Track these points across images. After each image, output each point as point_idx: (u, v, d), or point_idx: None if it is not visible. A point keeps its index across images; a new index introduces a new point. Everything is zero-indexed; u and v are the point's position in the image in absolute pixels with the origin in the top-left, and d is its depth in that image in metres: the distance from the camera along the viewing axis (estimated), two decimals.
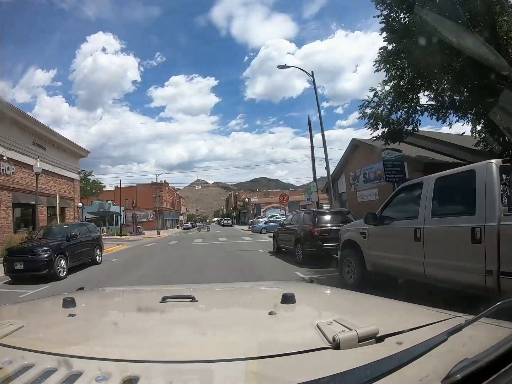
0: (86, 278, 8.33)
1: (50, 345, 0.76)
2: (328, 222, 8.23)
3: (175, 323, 1.04)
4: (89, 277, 8.44)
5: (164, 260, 11.20)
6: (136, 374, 0.60)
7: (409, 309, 1.17)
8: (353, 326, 0.75)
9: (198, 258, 10.96)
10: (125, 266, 10.21)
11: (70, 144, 19.85)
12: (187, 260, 10.54)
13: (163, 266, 9.71)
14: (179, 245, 17.58)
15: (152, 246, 18.73)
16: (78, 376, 0.60)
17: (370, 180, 15.84)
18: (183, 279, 7.18)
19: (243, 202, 65.78)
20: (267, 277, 6.62)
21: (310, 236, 8.04)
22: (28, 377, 0.59)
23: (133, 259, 12.10)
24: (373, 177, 15.54)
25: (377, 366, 0.59)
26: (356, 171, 17.10)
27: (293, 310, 1.05)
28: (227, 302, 1.43)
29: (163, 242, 21.68)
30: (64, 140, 19.12)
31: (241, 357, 0.66)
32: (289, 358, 0.67)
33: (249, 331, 0.91)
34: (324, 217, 8.37)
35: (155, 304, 1.12)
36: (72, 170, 20.17)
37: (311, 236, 7.98)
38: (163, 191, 57.42)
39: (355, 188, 17.27)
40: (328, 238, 7.79)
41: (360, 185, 16.77)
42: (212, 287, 1.96)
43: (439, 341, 0.66)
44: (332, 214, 8.75)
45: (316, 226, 8.01)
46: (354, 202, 16.52)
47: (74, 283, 6.79)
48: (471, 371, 0.56)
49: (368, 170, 15.87)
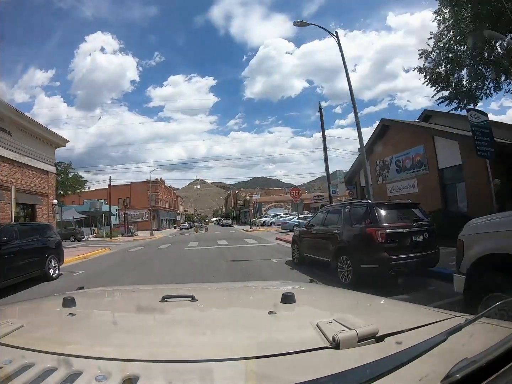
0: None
1: (50, 344, 0.76)
2: (396, 221, 5.16)
3: (175, 322, 1.06)
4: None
5: (144, 275, 8.19)
6: (136, 374, 0.60)
7: (409, 309, 1.20)
8: (353, 325, 0.75)
9: (188, 273, 7.81)
10: (86, 285, 7.15)
11: (44, 130, 16.75)
12: (173, 277, 7.50)
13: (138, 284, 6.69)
14: (169, 251, 14.46)
15: (138, 251, 15.65)
16: (78, 376, 0.60)
17: (405, 169, 12.82)
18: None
19: (244, 201, 62.42)
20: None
21: (367, 243, 5.01)
22: (28, 377, 0.59)
23: (104, 272, 9.03)
24: (410, 165, 12.53)
25: (376, 366, 0.59)
26: (385, 159, 14.08)
27: (293, 309, 1.05)
28: (227, 302, 1.44)
29: (153, 245, 18.60)
30: (36, 126, 16.02)
31: (241, 357, 0.66)
32: (288, 358, 0.67)
33: (249, 331, 0.91)
34: (389, 213, 5.24)
35: (155, 303, 1.12)
36: (46, 161, 17.07)
37: (371, 243, 4.93)
38: (159, 190, 54.22)
39: (384, 180, 14.26)
40: (399, 247, 4.81)
41: (391, 175, 13.76)
42: (212, 287, 1.98)
43: (439, 340, 0.67)
44: (397, 207, 5.63)
45: (378, 227, 4.94)
46: (383, 197, 13.47)
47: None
48: (470, 371, 0.55)
49: (403, 156, 12.86)
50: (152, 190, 52.12)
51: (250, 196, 39.62)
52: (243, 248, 13.40)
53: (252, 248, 13.33)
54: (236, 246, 14.74)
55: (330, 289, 1.75)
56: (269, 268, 7.97)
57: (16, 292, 6.25)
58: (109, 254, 15.26)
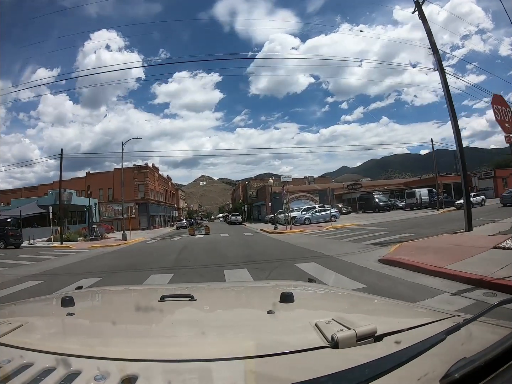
0: None
1: (48, 344, 0.75)
2: None
3: (174, 322, 1.06)
4: None
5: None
6: (134, 373, 0.59)
7: (408, 308, 1.21)
8: (352, 325, 0.74)
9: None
10: None
11: None
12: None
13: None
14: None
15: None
16: (77, 375, 0.59)
17: None
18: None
19: (257, 192, 50.76)
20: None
21: None
22: (26, 376, 0.59)
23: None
24: None
25: (375, 365, 0.59)
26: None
27: (291, 309, 1.04)
28: (226, 301, 1.42)
29: (57, 282, 7.58)
30: None
31: (240, 356, 0.66)
32: (287, 357, 0.66)
33: (248, 330, 0.90)
34: None
35: (154, 303, 1.10)
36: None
37: None
38: (149, 178, 43.03)
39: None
40: None
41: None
42: (211, 287, 1.94)
43: (438, 340, 0.67)
44: None
45: None
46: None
47: None
48: (469, 370, 0.56)
49: None
50: (140, 178, 41.28)
51: (271, 183, 27.59)
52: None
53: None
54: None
55: (329, 288, 1.68)
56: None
57: None
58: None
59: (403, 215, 24.12)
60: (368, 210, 33.12)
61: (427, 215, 23.11)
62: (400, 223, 17.44)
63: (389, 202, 33.81)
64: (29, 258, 12.92)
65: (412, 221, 18.76)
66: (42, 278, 7.80)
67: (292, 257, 7.92)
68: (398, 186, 46.83)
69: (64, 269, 9.71)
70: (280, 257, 8.79)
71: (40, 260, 12.30)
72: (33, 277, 7.87)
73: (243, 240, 15.99)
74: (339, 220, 23.62)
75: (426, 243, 8.33)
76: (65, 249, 17.63)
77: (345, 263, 7.11)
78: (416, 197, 32.21)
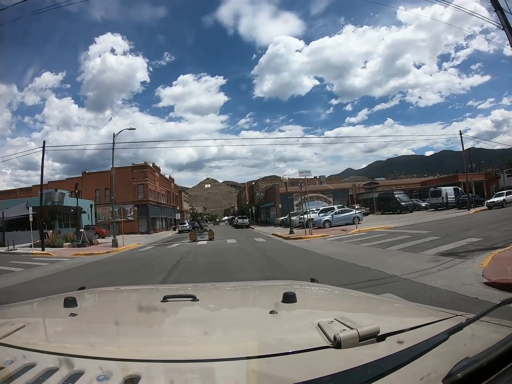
0: None
1: (51, 344, 0.75)
2: None
3: (176, 322, 1.06)
4: None
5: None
6: (137, 373, 0.59)
7: (410, 308, 1.21)
8: (354, 325, 0.73)
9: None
10: None
11: None
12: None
13: None
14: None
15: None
16: (80, 376, 0.59)
17: None
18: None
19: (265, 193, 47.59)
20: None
21: None
22: (29, 377, 0.59)
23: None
24: None
25: (378, 365, 0.59)
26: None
27: (294, 309, 1.03)
28: (228, 301, 1.41)
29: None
30: None
31: (242, 356, 0.65)
32: (290, 357, 0.66)
33: (250, 330, 0.90)
34: None
35: (156, 303, 1.10)
36: None
37: None
38: (149, 178, 40.26)
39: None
40: None
41: None
42: (214, 286, 1.93)
43: (440, 340, 0.67)
44: None
45: None
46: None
47: None
48: (472, 370, 0.55)
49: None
50: (139, 178, 38.54)
51: (286, 182, 23.97)
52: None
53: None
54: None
55: (331, 288, 1.69)
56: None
57: None
58: None
59: (433, 216, 21.07)
60: (388, 211, 30.01)
61: (461, 215, 20.13)
62: (441, 225, 14.43)
63: (411, 202, 30.65)
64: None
65: (454, 222, 15.73)
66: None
67: (344, 282, 4.96)
68: (415, 185, 43.61)
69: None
70: (324, 281, 5.82)
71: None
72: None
73: (256, 249, 12.90)
74: (362, 223, 20.60)
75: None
76: (44, 257, 14.97)
77: (441, 292, 4.19)
78: (442, 196, 29.01)
